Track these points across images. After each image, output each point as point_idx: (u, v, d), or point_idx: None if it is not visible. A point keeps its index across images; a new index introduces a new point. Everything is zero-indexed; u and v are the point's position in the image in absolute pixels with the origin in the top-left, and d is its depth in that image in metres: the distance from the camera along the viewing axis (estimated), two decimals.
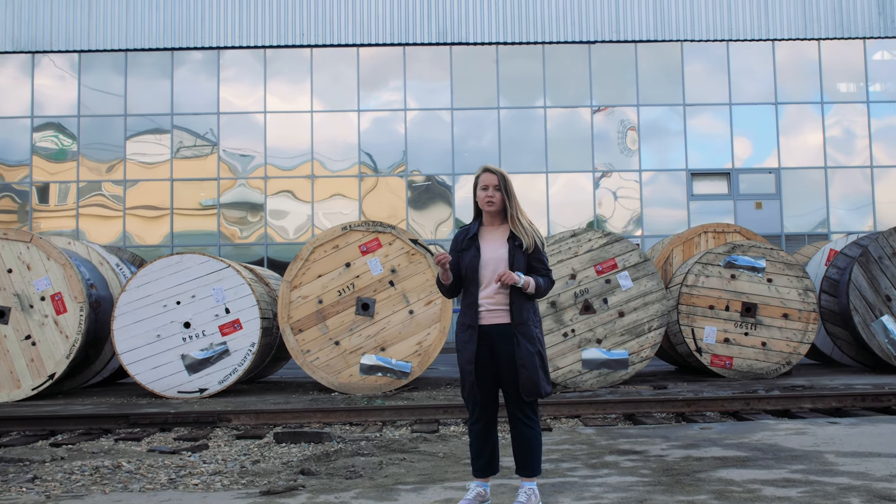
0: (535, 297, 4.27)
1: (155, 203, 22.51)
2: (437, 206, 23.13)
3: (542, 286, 4.26)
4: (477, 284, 4.30)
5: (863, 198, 23.19)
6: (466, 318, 4.32)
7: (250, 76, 23.03)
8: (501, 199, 4.35)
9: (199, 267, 10.86)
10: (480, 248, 4.33)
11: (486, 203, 4.35)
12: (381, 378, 10.74)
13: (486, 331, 4.26)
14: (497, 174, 4.37)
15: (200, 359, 10.76)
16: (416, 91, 23.30)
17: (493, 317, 4.27)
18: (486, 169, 4.41)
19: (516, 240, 4.30)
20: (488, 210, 4.36)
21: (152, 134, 22.81)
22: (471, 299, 4.32)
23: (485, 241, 4.37)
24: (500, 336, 4.24)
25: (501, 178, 4.35)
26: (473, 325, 4.27)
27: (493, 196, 4.33)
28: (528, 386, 4.16)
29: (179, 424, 8.19)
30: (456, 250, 4.44)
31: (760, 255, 11.25)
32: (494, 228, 4.40)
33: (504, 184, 4.35)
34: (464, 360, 4.27)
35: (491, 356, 4.25)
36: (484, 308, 4.28)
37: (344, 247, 10.94)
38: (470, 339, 4.26)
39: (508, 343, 4.22)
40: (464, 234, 4.47)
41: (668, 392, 9.99)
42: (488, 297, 4.27)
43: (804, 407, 8.58)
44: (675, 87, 23.36)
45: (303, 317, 10.82)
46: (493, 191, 4.34)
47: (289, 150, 22.91)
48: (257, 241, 22.44)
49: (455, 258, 4.42)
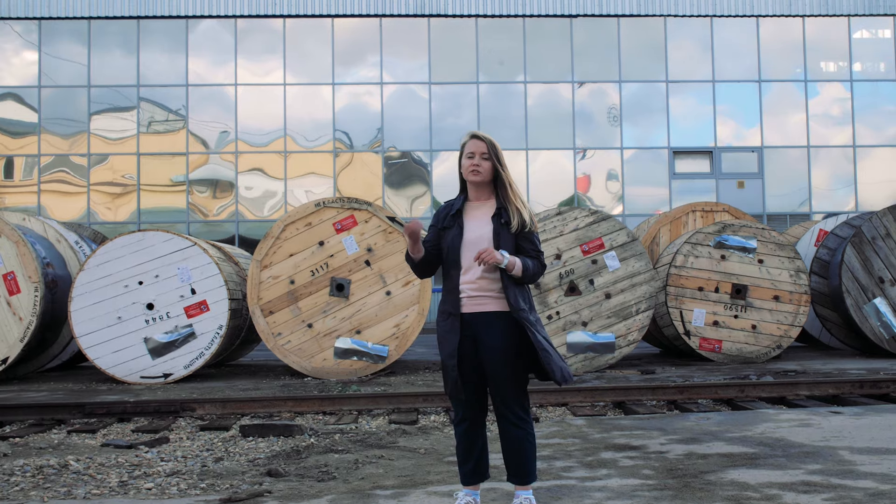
0: (523, 281, 3.75)
1: (121, 179, 21.69)
2: (414, 184, 22.54)
3: (529, 269, 3.73)
4: (458, 267, 3.79)
5: (845, 178, 22.95)
6: (447, 304, 3.81)
7: (221, 48, 22.19)
8: (490, 169, 3.83)
9: (162, 245, 10.23)
10: (464, 225, 3.82)
11: (470, 172, 3.82)
12: (357, 362, 10.22)
13: (469, 320, 3.75)
14: (486, 141, 3.84)
15: (165, 342, 10.16)
16: (393, 65, 22.61)
17: (476, 304, 3.76)
18: (473, 135, 3.88)
19: (503, 216, 3.78)
20: (473, 180, 3.83)
21: (118, 107, 21.93)
22: (452, 284, 3.81)
23: (469, 219, 3.85)
24: (484, 325, 3.74)
25: (490, 146, 3.83)
26: (455, 314, 3.76)
27: (480, 165, 3.81)
28: (556, 372, 3.66)
29: (139, 414, 7.62)
30: (437, 227, 3.92)
31: (751, 234, 10.83)
32: (481, 204, 3.88)
33: (494, 152, 3.83)
34: (445, 354, 3.76)
35: (475, 348, 3.74)
36: (466, 294, 3.77)
37: (317, 224, 10.36)
38: (451, 329, 3.76)
39: (494, 333, 3.72)
40: (446, 209, 3.94)
41: (658, 377, 9.57)
42: (470, 281, 3.76)
43: (800, 394, 8.20)
44: (658, 63, 22.89)
45: (274, 298, 10.25)
46: (479, 159, 3.81)
47: (261, 125, 22.16)
48: (228, 218, 21.73)
49: (434, 236, 3.91)
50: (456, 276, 3.78)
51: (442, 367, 3.80)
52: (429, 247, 3.86)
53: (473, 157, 3.82)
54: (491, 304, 3.74)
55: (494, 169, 3.84)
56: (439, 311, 3.87)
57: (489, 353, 3.71)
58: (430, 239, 3.90)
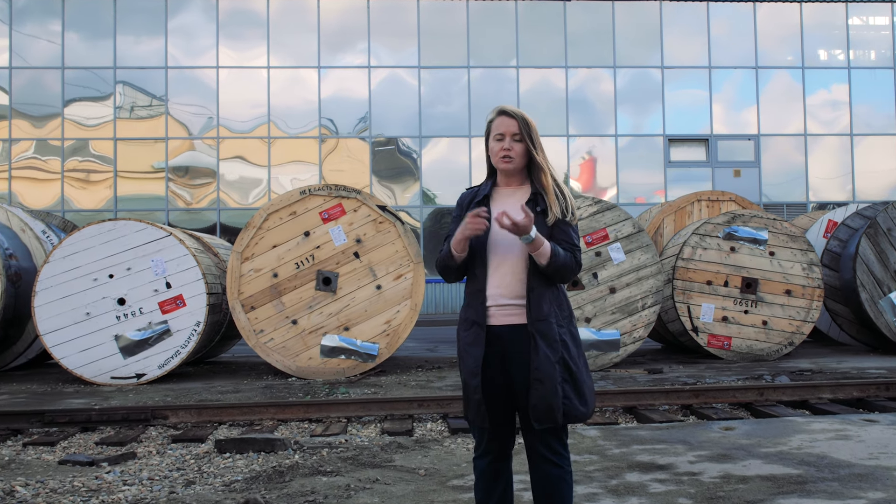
0: (549, 271, 3.07)
1: (96, 165, 20.83)
2: (402, 172, 21.84)
3: (559, 256, 3.05)
4: (485, 266, 3.14)
5: (842, 167, 22.45)
6: (470, 311, 3.16)
7: (201, 28, 21.33)
8: (523, 153, 3.17)
9: (135, 235, 9.50)
10: (492, 215, 3.17)
11: (502, 159, 3.17)
12: (345, 361, 9.56)
13: (497, 334, 3.11)
14: (517, 118, 3.17)
15: (137, 340, 9.45)
16: (381, 48, 21.85)
17: (506, 314, 3.11)
18: (501, 111, 3.21)
19: (539, 203, 3.14)
20: (506, 168, 3.19)
21: (94, 90, 21.04)
22: (476, 286, 3.16)
23: (498, 206, 3.20)
24: (515, 341, 3.09)
25: (523, 124, 3.16)
26: (480, 324, 3.11)
27: (512, 149, 3.15)
28: (539, 408, 3.00)
29: (105, 423, 6.93)
30: (460, 216, 3.26)
31: (762, 225, 10.24)
32: (513, 190, 3.24)
33: (527, 131, 3.16)
34: (467, 372, 3.10)
35: (503, 367, 3.10)
36: (493, 302, 3.12)
37: (302, 213, 9.67)
38: (474, 342, 3.10)
39: (525, 348, 3.07)
40: (471, 196, 3.29)
41: (667, 378, 8.97)
42: (500, 285, 3.11)
43: (823, 397, 7.63)
44: (654, 49, 22.25)
45: (255, 292, 9.56)
46: (511, 141, 3.16)
47: (243, 110, 21.35)
48: (209, 206, 20.94)
49: (457, 227, 3.25)
50: (482, 277, 3.13)
51: (462, 386, 3.14)
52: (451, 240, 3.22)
53: (503, 139, 3.17)
54: (524, 314, 3.09)
55: (528, 152, 3.19)
56: (461, 319, 3.21)
57: (520, 375, 3.06)
58: (453, 232, 3.25)
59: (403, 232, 9.72)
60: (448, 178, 21.58)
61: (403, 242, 9.70)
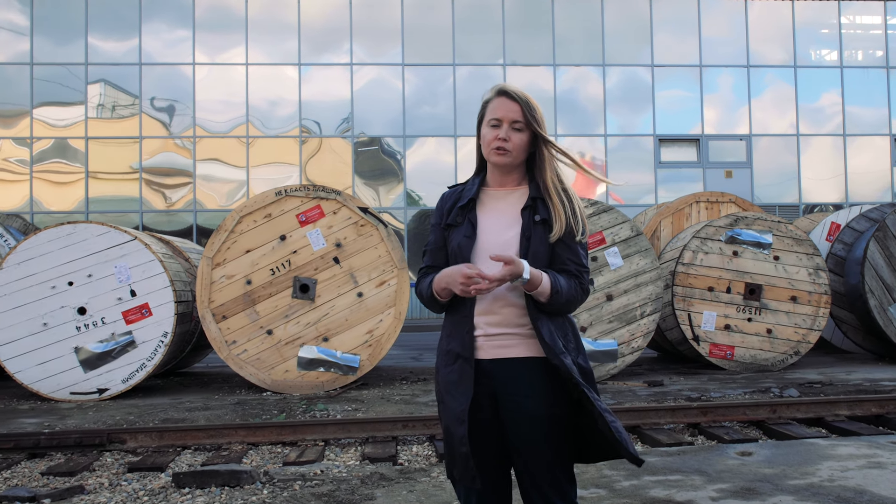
0: (552, 309, 2.48)
1: (67, 165, 20.04)
2: (387, 172, 21.19)
3: (562, 291, 2.45)
4: None
5: (835, 168, 22.03)
6: (454, 342, 2.55)
7: (177, 23, 20.59)
8: (524, 145, 2.57)
9: (97, 239, 8.82)
10: (478, 224, 2.57)
11: (495, 151, 2.56)
12: (324, 374, 8.91)
13: (488, 369, 2.51)
14: (520, 101, 2.56)
15: (99, 352, 8.77)
16: (364, 46, 21.19)
17: (498, 346, 2.51)
18: (500, 91, 2.60)
19: (538, 211, 2.53)
20: (499, 161, 2.57)
21: (65, 87, 20.25)
22: (461, 312, 2.56)
23: (487, 213, 2.60)
24: (510, 379, 2.49)
25: (528, 109, 2.54)
26: (466, 357, 2.51)
27: (510, 139, 2.54)
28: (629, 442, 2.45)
29: (56, 448, 6.25)
30: (440, 225, 2.66)
31: (766, 228, 9.70)
32: (506, 193, 2.62)
33: (532, 119, 2.55)
34: (451, 418, 2.49)
35: (495, 411, 2.49)
36: (483, 331, 2.52)
37: (278, 216, 9.02)
38: (460, 381, 2.49)
39: (525, 391, 2.48)
40: (453, 198, 2.68)
41: (668, 391, 8.39)
42: (490, 311, 2.52)
43: (840, 414, 7.07)
44: (644, 47, 21.74)
45: (227, 300, 8.90)
46: (509, 130, 2.54)
47: (221, 108, 20.62)
48: (185, 207, 20.20)
49: (439, 238, 2.65)
50: (469, 300, 2.53)
51: (444, 435, 2.53)
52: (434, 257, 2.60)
53: (500, 125, 2.55)
54: (521, 346, 2.49)
55: (530, 145, 2.57)
56: (441, 352, 2.60)
57: (519, 422, 2.46)
58: (433, 243, 2.64)
59: (386, 235, 9.10)
60: (433, 179, 20.95)
61: (386, 246, 9.07)
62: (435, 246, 2.63)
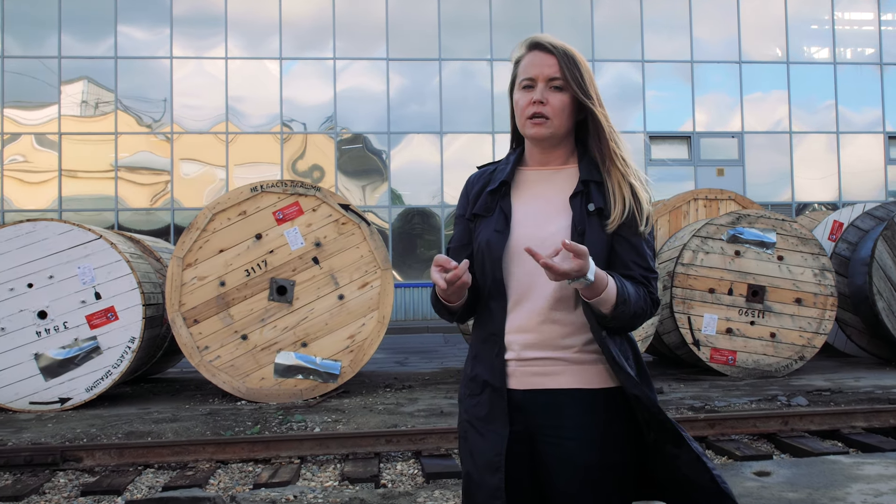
0: (617, 322, 1.92)
1: (39, 163, 19.34)
2: (371, 170, 20.63)
3: (630, 300, 1.90)
4: (502, 297, 2.00)
5: (828, 166, 21.67)
6: (479, 367, 2.02)
7: (153, 14, 19.93)
8: (568, 109, 2.01)
9: (58, 238, 8.22)
10: (512, 214, 2.02)
11: (529, 121, 2.00)
12: (303, 381, 8.36)
13: (520, 403, 1.96)
14: (559, 53, 2.00)
15: (61, 359, 8.18)
16: (348, 40, 20.61)
17: (534, 373, 1.97)
18: (535, 44, 2.05)
19: (591, 196, 1.98)
20: (537, 134, 2.01)
21: (37, 79, 19.54)
22: (489, 329, 2.01)
23: (524, 200, 2.05)
24: (548, 416, 1.95)
25: (568, 63, 2.00)
26: (496, 387, 1.97)
27: (548, 102, 1.99)
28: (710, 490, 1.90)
29: (4, 467, 5.67)
30: (464, 216, 2.11)
31: (770, 227, 9.22)
32: (550, 173, 2.07)
33: (576, 74, 2.00)
34: (479, 463, 1.94)
35: (531, 457, 1.96)
36: (515, 353, 1.97)
37: (254, 213, 8.45)
38: (491, 416, 1.96)
39: (575, 433, 1.93)
40: (482, 180, 2.12)
41: (670, 400, 7.89)
42: (527, 327, 1.97)
43: (856, 426, 6.60)
44: (634, 41, 21.29)
45: (199, 303, 8.32)
46: (546, 90, 1.99)
47: (200, 103, 19.99)
48: (163, 206, 19.55)
49: (464, 233, 2.09)
50: (498, 311, 1.98)
51: (465, 483, 1.98)
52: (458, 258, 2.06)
53: (534, 86, 2.00)
54: (565, 374, 1.95)
55: (576, 108, 2.02)
56: (465, 378, 2.06)
57: (560, 471, 1.92)
58: (456, 240, 2.10)
59: (369, 234, 8.55)
60: (418, 177, 20.42)
61: (369, 246, 8.53)
62: (458, 243, 2.08)
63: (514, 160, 2.07)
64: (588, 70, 2.02)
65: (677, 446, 1.91)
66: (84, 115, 19.60)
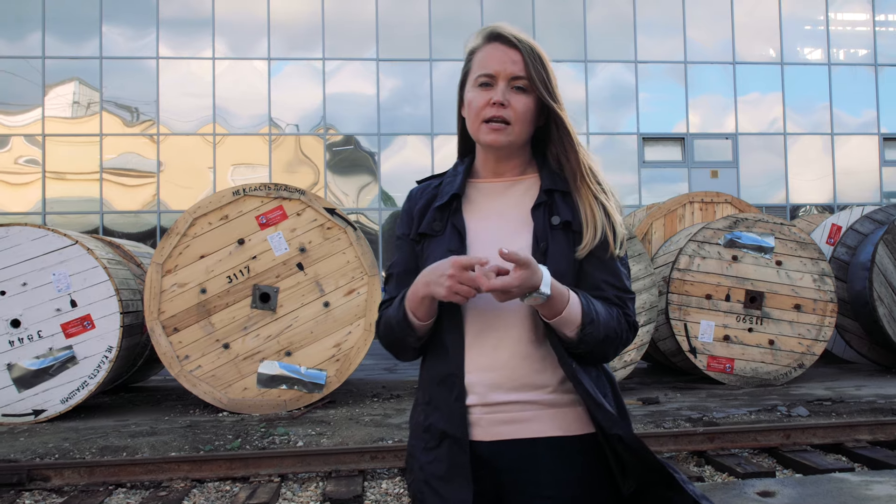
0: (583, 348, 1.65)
1: (22, 165, 18.99)
2: (361, 172, 20.35)
3: (599, 320, 1.64)
4: (459, 330, 1.71)
5: (822, 167, 21.49)
6: (435, 414, 1.72)
7: (139, 13, 19.60)
8: (530, 114, 1.74)
9: (32, 244, 7.92)
10: (467, 231, 1.75)
11: (487, 126, 1.73)
12: (287, 392, 8.07)
13: (487, 458, 1.68)
14: (523, 48, 1.74)
15: (35, 369, 7.87)
16: (337, 40, 20.31)
17: (503, 421, 1.69)
18: (493, 35, 1.77)
19: (556, 208, 1.72)
20: (495, 141, 1.73)
21: (21, 78, 19.19)
22: (445, 368, 1.72)
23: (478, 216, 1.78)
24: (521, 471, 1.67)
25: (533, 60, 1.73)
26: (457, 437, 1.67)
27: (510, 104, 1.71)
28: None
29: None
30: (408, 236, 1.83)
31: (768, 231, 8.98)
32: (506, 185, 1.80)
33: (541, 73, 1.73)
34: None
35: None
36: (479, 397, 1.69)
37: (236, 217, 8.16)
38: (451, 474, 1.66)
39: (544, 488, 1.65)
40: (427, 196, 1.84)
41: (666, 410, 7.64)
42: (492, 365, 1.69)
43: (861, 439, 6.36)
44: (627, 42, 21.07)
45: (179, 311, 8.03)
46: (507, 90, 1.72)
47: (186, 104, 19.66)
48: (149, 208, 19.21)
49: (408, 255, 1.81)
50: (455, 347, 1.70)
51: None
52: (402, 284, 1.79)
53: (493, 84, 1.73)
54: (540, 419, 1.68)
55: (539, 112, 1.76)
56: (417, 426, 1.78)
57: None
58: (399, 264, 1.83)
59: (356, 239, 8.27)
60: (409, 179, 20.14)
61: (356, 251, 8.25)
62: (403, 268, 1.80)
63: (463, 171, 1.80)
64: (552, 69, 1.76)
65: (669, 489, 1.64)
66: (69, 117, 19.25)
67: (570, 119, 1.75)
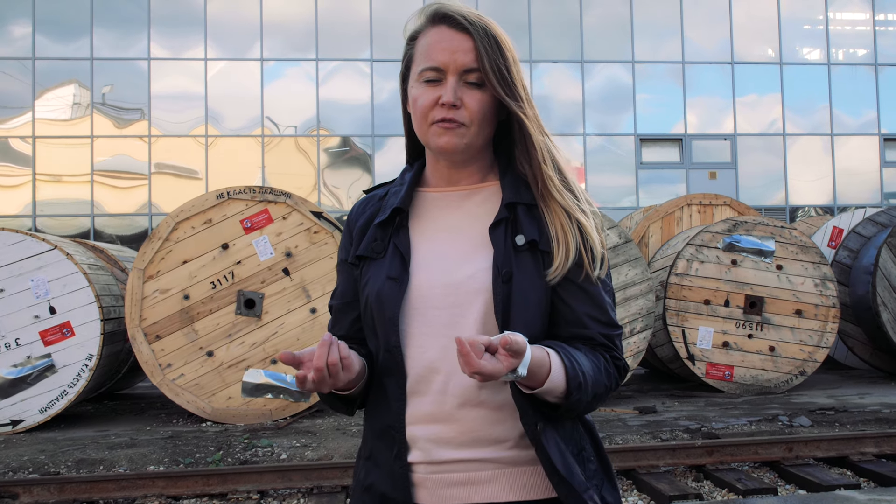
0: (565, 413, 1.40)
1: (13, 168, 18.74)
2: (356, 174, 20.11)
3: (586, 382, 1.37)
4: (400, 369, 1.45)
5: (822, 168, 21.26)
6: (375, 474, 1.47)
7: (131, 15, 19.36)
8: (488, 112, 1.46)
9: (9, 249, 7.68)
10: (411, 253, 1.48)
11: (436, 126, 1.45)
12: (272, 401, 7.83)
13: None
14: (475, 31, 1.43)
15: (13, 378, 7.63)
16: (331, 40, 20.09)
17: (453, 483, 1.42)
18: (441, 15, 1.48)
19: (520, 225, 1.45)
20: (447, 145, 1.46)
21: (11, 77, 18.95)
22: (386, 418, 1.47)
23: (427, 234, 1.52)
24: None
25: (488, 44, 1.43)
26: (398, 502, 1.42)
27: (463, 102, 1.43)
28: None
29: None
30: (346, 259, 1.56)
31: (768, 234, 8.75)
32: (461, 196, 1.53)
33: (497, 62, 1.43)
34: None
35: None
36: (423, 454, 1.44)
37: (220, 221, 7.92)
38: None
39: None
40: (369, 210, 1.57)
41: (663, 420, 7.40)
42: (439, 413, 1.43)
43: (867, 452, 6.13)
44: (624, 42, 20.84)
45: (161, 318, 7.78)
46: (461, 87, 1.44)
47: (178, 105, 19.42)
48: (140, 210, 18.96)
49: (347, 284, 1.56)
50: (395, 393, 1.45)
51: None
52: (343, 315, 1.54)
53: (442, 79, 1.45)
54: (497, 482, 1.42)
55: (498, 107, 1.48)
56: (357, 485, 1.53)
57: None
58: (339, 295, 1.56)
59: None
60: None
61: None
62: (341, 300, 1.55)
63: (410, 180, 1.53)
64: (514, 54, 1.46)
65: None
66: (60, 118, 19.00)
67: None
